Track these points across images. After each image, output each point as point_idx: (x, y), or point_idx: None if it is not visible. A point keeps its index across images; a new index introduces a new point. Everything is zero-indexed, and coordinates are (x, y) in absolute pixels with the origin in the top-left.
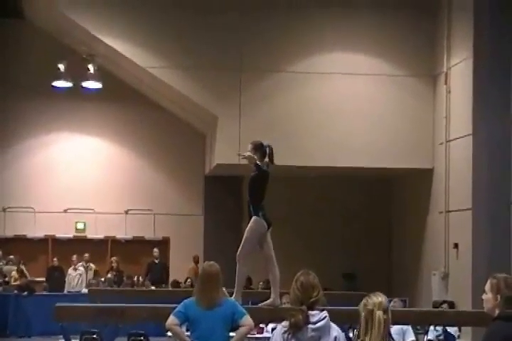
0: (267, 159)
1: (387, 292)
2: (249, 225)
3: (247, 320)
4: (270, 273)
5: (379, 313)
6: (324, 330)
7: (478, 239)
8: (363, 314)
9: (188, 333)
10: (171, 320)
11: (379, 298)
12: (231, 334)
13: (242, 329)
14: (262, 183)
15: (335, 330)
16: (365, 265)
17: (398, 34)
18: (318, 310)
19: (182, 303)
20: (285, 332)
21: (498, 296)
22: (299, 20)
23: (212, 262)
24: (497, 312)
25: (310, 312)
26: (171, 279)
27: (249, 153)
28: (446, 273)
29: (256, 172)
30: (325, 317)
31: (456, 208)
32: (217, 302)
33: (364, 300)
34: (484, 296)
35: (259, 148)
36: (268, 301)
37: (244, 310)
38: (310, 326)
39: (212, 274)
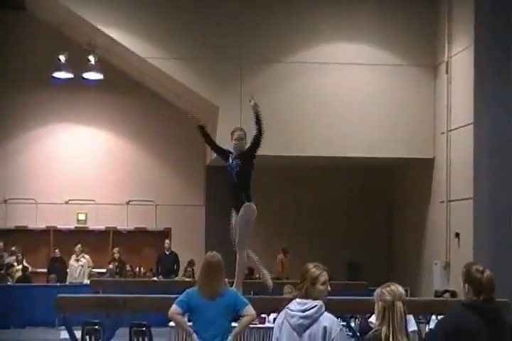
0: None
1: (389, 282)
2: (243, 213)
3: (250, 309)
4: (239, 260)
5: (400, 304)
6: (313, 319)
7: (479, 229)
8: (380, 304)
9: (190, 323)
10: (174, 308)
11: (398, 288)
12: (233, 324)
13: (244, 319)
14: (252, 169)
15: (326, 320)
16: (367, 255)
17: (399, 23)
18: (311, 299)
19: (185, 292)
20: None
21: (466, 285)
22: (300, 9)
23: (214, 252)
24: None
25: (302, 300)
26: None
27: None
28: (448, 262)
29: (246, 158)
30: (315, 306)
31: (457, 197)
32: (220, 292)
33: (380, 290)
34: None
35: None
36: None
37: (246, 300)
38: (299, 314)
39: (214, 264)
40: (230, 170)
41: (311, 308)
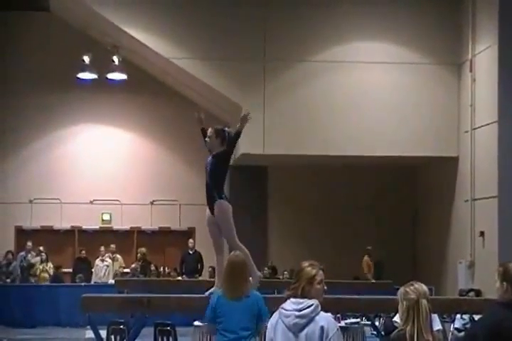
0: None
1: (412, 281)
2: (219, 212)
3: (264, 326)
4: (240, 251)
5: (425, 302)
6: (309, 318)
7: (504, 227)
8: (404, 303)
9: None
10: (209, 328)
11: (422, 286)
12: None
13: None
14: (227, 167)
15: (323, 320)
16: (391, 254)
17: (423, 22)
18: (307, 298)
19: (210, 301)
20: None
21: (504, 283)
22: (323, 8)
23: (237, 252)
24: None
25: (297, 299)
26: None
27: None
28: (473, 261)
29: (219, 155)
30: (311, 305)
31: (481, 196)
32: (244, 292)
33: (403, 289)
34: (496, 284)
35: (220, 134)
36: (253, 279)
37: (267, 315)
38: (295, 313)
39: (238, 264)
40: (205, 168)
41: (307, 307)
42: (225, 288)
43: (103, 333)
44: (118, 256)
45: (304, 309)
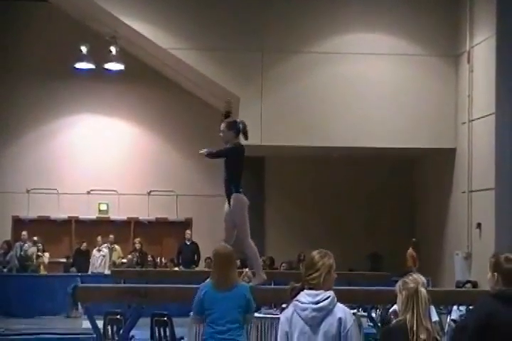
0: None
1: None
2: (234, 205)
3: (251, 317)
4: (249, 250)
5: (424, 291)
6: (327, 311)
7: (501, 219)
8: (404, 293)
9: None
10: (195, 319)
11: (420, 276)
12: None
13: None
14: (241, 159)
15: (340, 311)
16: (388, 245)
17: (421, 13)
18: (324, 289)
19: (198, 293)
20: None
21: (495, 274)
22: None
23: (224, 244)
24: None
25: (312, 291)
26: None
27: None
28: (469, 253)
29: (234, 148)
30: (328, 297)
31: (479, 188)
32: (233, 283)
33: (402, 280)
34: (488, 275)
35: (233, 126)
36: (256, 280)
37: (254, 306)
38: (312, 306)
39: (226, 255)
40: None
41: (324, 299)
42: (215, 280)
43: (100, 323)
44: (116, 246)
45: (321, 301)
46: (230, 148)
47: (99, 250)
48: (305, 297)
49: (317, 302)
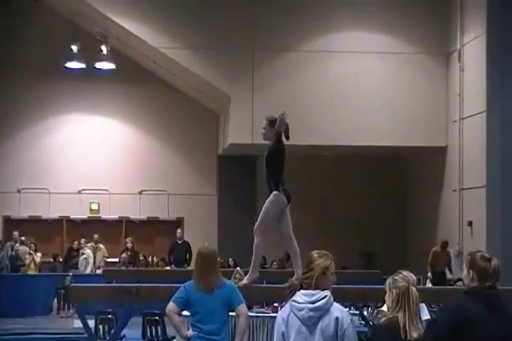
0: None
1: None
2: (268, 199)
3: (243, 308)
4: (290, 250)
5: (415, 290)
6: (323, 310)
7: (492, 217)
8: (394, 291)
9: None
10: (171, 306)
11: (410, 274)
12: (230, 314)
13: (241, 324)
14: (281, 157)
15: (337, 311)
16: (380, 243)
17: (411, 12)
18: (319, 290)
19: (182, 287)
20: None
21: (471, 271)
22: None
23: (207, 245)
24: None
25: (309, 291)
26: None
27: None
28: (461, 250)
29: (274, 146)
30: (325, 296)
31: (470, 186)
32: (216, 284)
33: (392, 278)
34: (464, 273)
35: (275, 124)
36: (247, 279)
37: (241, 298)
38: (308, 305)
39: (208, 257)
40: None
41: (320, 299)
42: (198, 281)
43: (91, 323)
44: (101, 245)
45: (317, 301)
46: (274, 146)
47: (82, 253)
48: (301, 297)
49: (313, 302)
